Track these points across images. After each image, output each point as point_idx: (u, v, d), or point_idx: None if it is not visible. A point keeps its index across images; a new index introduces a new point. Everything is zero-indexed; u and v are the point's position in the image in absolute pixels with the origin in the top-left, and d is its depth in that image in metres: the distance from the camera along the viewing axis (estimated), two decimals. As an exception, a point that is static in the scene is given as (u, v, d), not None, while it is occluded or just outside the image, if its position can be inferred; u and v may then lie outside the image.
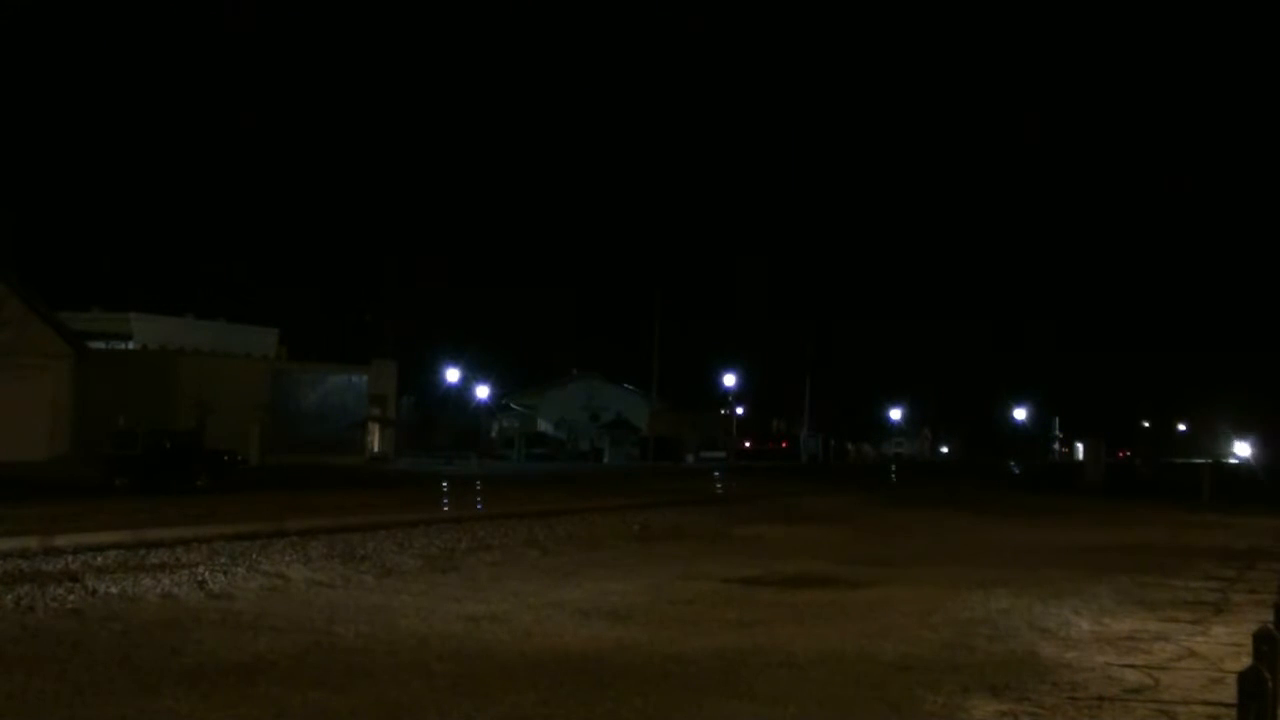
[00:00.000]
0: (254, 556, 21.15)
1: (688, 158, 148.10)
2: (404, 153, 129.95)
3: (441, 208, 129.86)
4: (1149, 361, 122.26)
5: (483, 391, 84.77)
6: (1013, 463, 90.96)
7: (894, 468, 74.77)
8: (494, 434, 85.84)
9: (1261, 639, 9.58)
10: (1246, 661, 9.16)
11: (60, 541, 21.61)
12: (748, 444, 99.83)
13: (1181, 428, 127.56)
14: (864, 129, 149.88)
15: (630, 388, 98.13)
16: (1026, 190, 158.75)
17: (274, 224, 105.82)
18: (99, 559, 20.13)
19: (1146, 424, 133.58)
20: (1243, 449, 78.79)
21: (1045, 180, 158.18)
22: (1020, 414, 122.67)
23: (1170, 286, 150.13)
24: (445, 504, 33.76)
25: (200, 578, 18.72)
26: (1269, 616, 11.57)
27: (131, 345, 64.22)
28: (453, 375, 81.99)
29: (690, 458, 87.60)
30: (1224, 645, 14.91)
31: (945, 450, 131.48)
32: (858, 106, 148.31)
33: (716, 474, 57.35)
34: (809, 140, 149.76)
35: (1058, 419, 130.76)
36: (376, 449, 69.18)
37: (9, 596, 16.49)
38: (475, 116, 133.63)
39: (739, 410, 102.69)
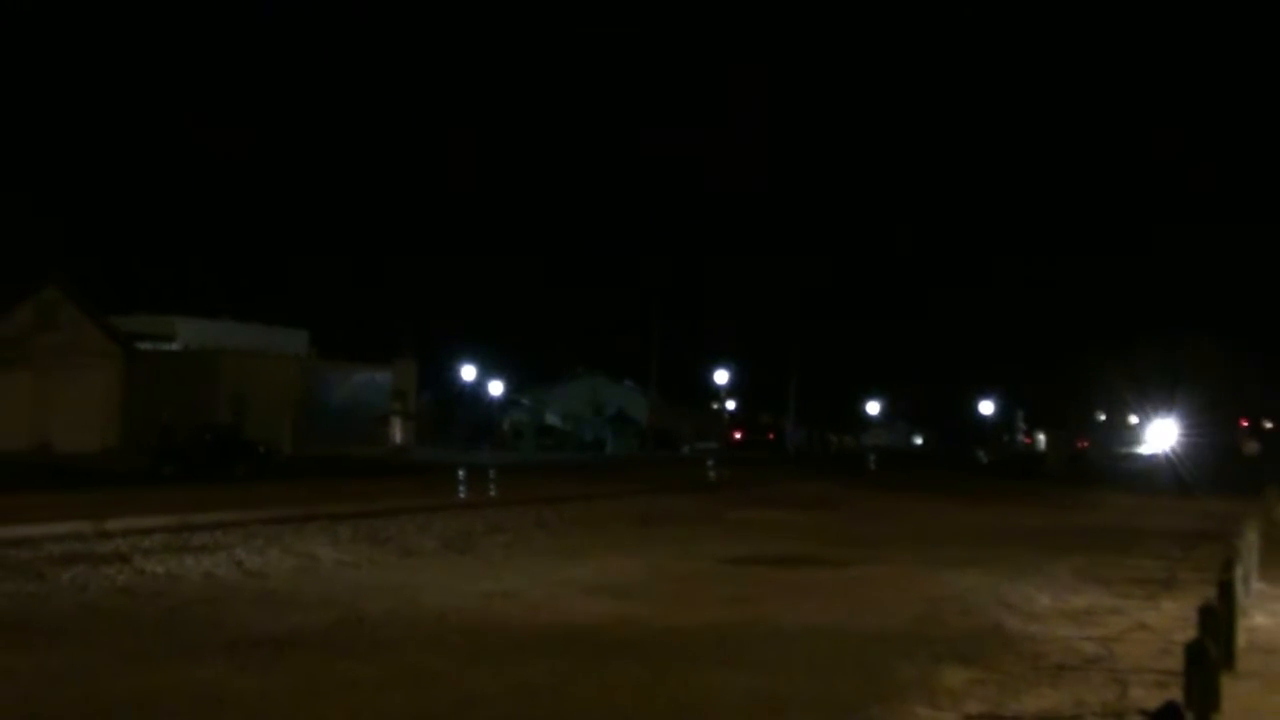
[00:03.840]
0: (287, 539, 21.18)
1: (687, 164, 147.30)
2: (419, 160, 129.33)
3: (455, 217, 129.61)
4: (1104, 360, 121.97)
5: (496, 387, 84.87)
6: (980, 452, 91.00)
7: (872, 457, 74.78)
8: (506, 426, 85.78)
9: (1206, 613, 9.64)
10: (1192, 634, 9.20)
11: (111, 525, 21.64)
12: (738, 435, 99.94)
13: (1133, 420, 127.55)
14: (845, 132, 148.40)
15: (631, 384, 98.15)
16: (998, 198, 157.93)
17: (306, 233, 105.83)
18: (146, 541, 20.17)
19: (1102, 416, 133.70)
20: (1162, 440, 79.31)
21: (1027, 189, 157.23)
22: (987, 407, 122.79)
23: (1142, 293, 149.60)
24: (461, 491, 33.79)
25: (238, 558, 18.75)
26: (1212, 592, 11.59)
27: (175, 346, 64.19)
28: (468, 373, 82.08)
29: (686, 448, 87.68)
30: (1172, 618, 14.92)
31: (919, 441, 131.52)
32: (841, 109, 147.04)
33: (709, 463, 57.40)
34: (794, 147, 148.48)
35: (1021, 412, 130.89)
36: (398, 440, 69.22)
37: (65, 575, 16.53)
38: (484, 123, 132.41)
39: (730, 404, 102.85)
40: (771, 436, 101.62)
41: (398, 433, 70.02)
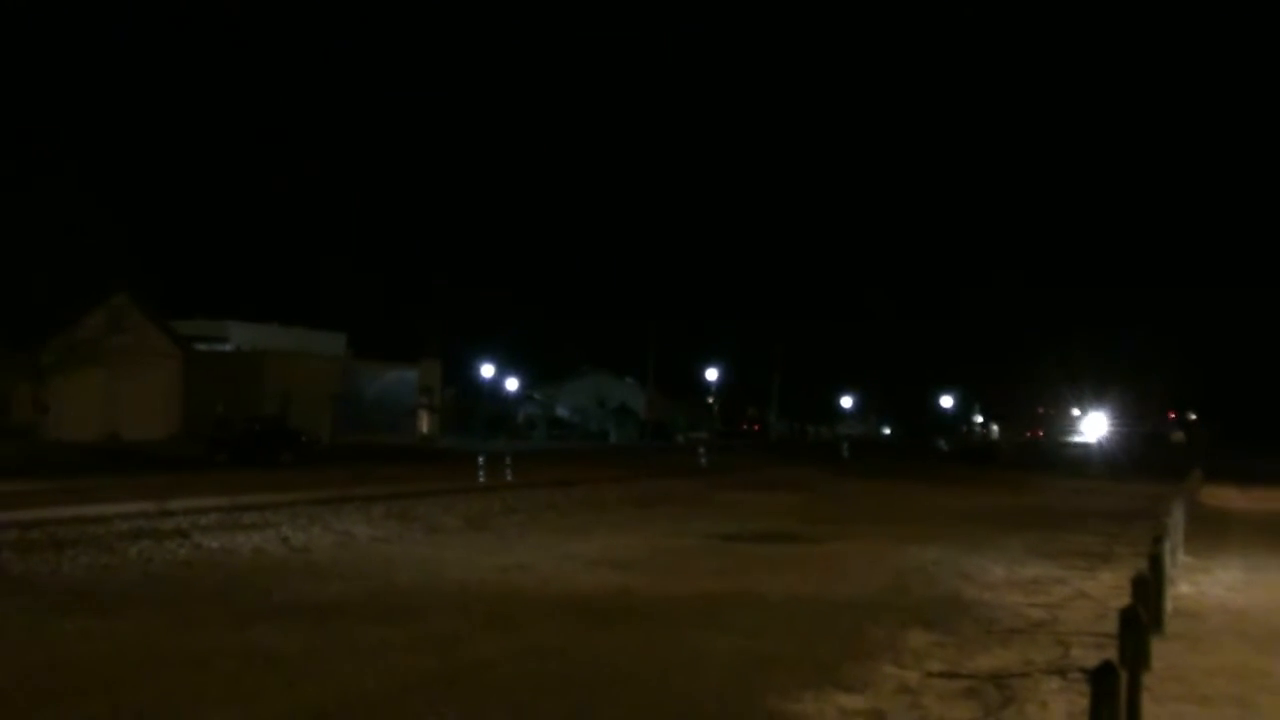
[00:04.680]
0: (327, 518, 21.19)
1: (674, 185, 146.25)
2: (439, 176, 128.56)
3: (474, 229, 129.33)
4: (1046, 358, 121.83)
5: (512, 384, 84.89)
6: (941, 441, 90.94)
7: (846, 446, 74.67)
8: (520, 419, 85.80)
9: (1138, 583, 9.68)
10: (1126, 601, 9.23)
11: (173, 505, 21.67)
12: (726, 426, 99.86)
13: (1075, 412, 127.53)
14: (818, 150, 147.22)
15: (631, 381, 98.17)
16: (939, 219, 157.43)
17: (343, 246, 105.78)
18: (203, 519, 20.19)
19: (1050, 409, 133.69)
20: (1097, 429, 79.48)
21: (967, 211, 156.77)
22: (947, 401, 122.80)
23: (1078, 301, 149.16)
24: (481, 476, 33.77)
25: (284, 535, 18.78)
26: (1144, 564, 11.63)
27: (228, 347, 64.21)
28: (487, 371, 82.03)
29: (680, 438, 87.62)
30: (1109, 587, 14.97)
31: (887, 431, 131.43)
32: (819, 128, 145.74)
33: (701, 451, 57.33)
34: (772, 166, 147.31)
35: (978, 405, 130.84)
36: (425, 431, 69.20)
37: (133, 549, 16.57)
38: (495, 137, 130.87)
39: (719, 399, 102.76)
40: (756, 427, 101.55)
41: (424, 424, 70.01)
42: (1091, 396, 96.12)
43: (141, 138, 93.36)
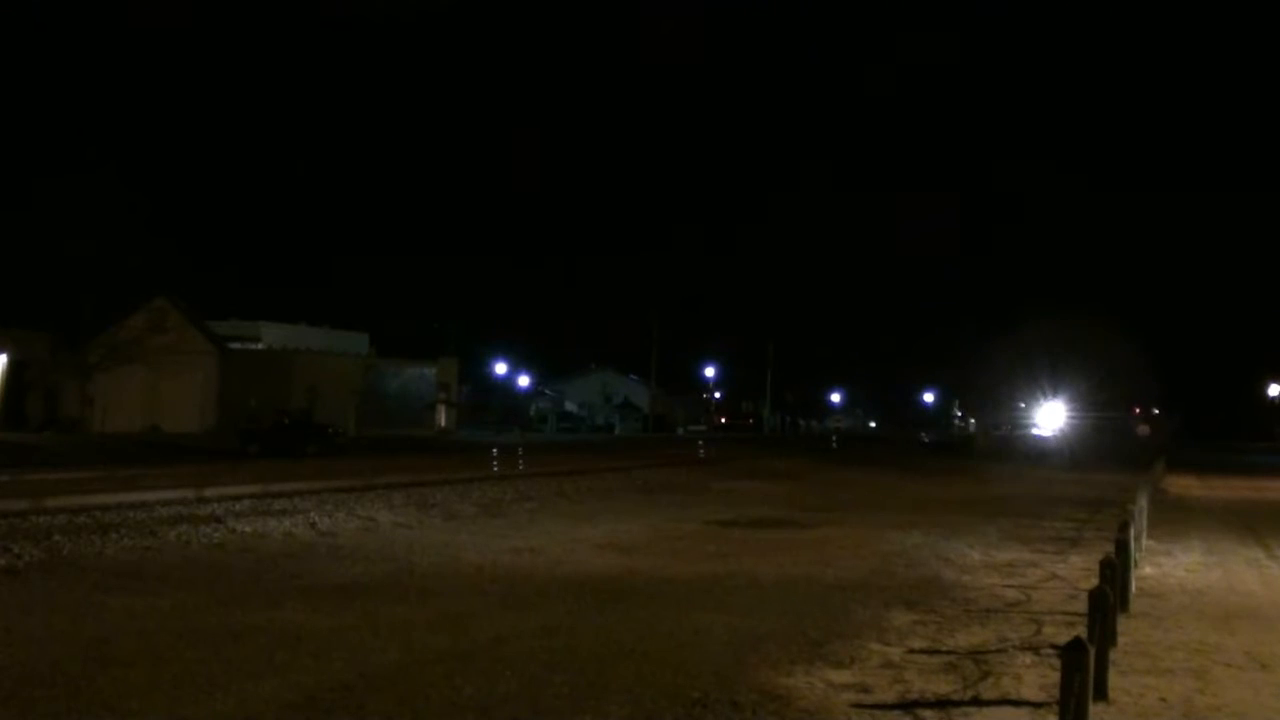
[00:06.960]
0: (351, 504, 21.16)
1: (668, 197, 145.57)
2: (469, 195, 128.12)
3: (495, 239, 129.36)
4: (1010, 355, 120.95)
5: (524, 380, 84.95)
6: (923, 434, 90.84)
7: (835, 438, 74.57)
8: (532, 413, 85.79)
9: (1105, 565, 9.69)
10: (1095, 582, 9.24)
11: (208, 492, 21.66)
12: (723, 419, 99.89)
13: (1047, 407, 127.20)
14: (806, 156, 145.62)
15: (635, 378, 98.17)
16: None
17: (369, 256, 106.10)
18: (237, 505, 20.18)
19: (1022, 405, 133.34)
20: (1059, 422, 79.39)
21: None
22: (929, 397, 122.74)
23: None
24: (495, 466, 33.75)
25: (312, 520, 18.76)
26: (1111, 548, 11.63)
27: (260, 346, 64.24)
28: (501, 368, 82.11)
29: (680, 430, 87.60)
30: (1079, 570, 14.96)
31: (873, 425, 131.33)
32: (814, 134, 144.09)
33: (699, 443, 57.29)
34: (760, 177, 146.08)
35: (957, 400, 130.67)
36: (443, 424, 69.21)
37: (172, 533, 16.58)
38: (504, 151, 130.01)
39: (716, 394, 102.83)
40: (751, 421, 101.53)
41: (442, 418, 69.99)
42: (1060, 391, 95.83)
43: (181, 151, 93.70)
